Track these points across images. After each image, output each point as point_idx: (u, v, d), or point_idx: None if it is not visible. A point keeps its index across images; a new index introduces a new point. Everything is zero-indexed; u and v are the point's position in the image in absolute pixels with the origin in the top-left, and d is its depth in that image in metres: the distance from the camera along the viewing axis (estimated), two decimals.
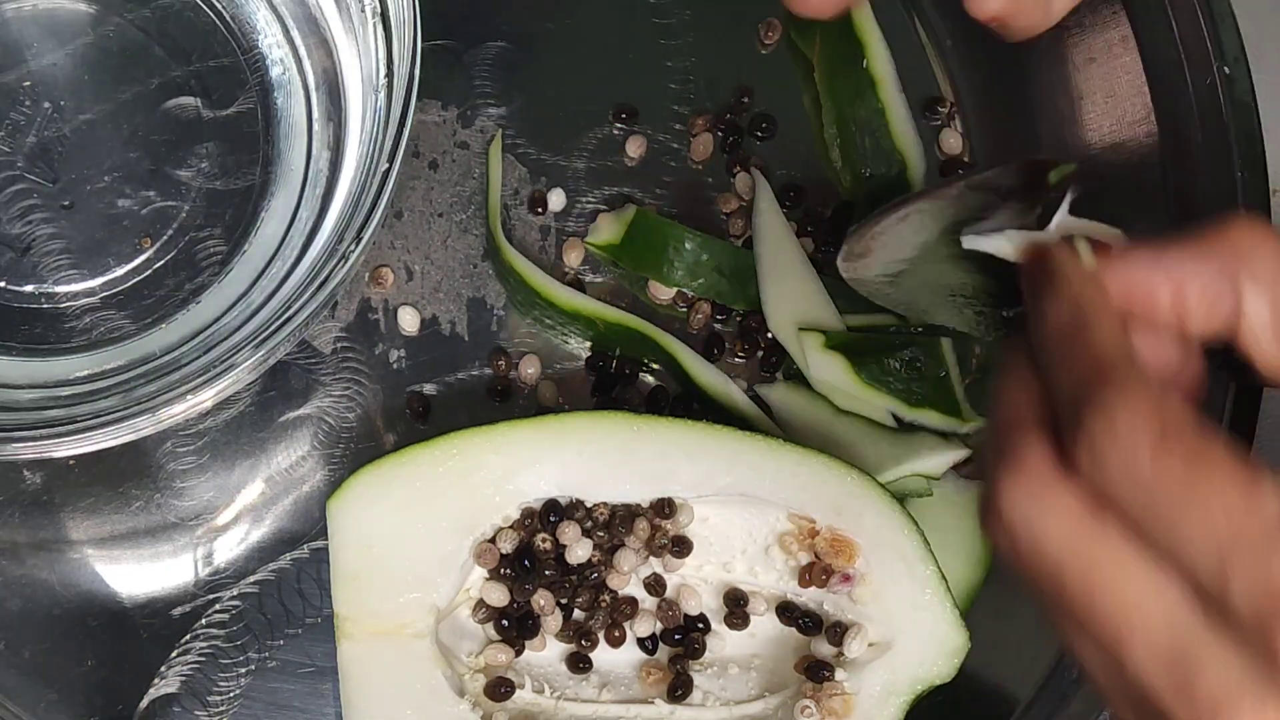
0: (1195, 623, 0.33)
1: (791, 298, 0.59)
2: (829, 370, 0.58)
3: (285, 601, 0.57)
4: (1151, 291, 0.38)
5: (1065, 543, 0.35)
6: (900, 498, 0.55)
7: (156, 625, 0.57)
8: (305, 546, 0.58)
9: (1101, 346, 0.36)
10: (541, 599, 0.54)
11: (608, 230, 0.60)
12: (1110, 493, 0.34)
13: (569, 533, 0.54)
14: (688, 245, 0.60)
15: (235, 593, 0.57)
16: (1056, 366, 0.37)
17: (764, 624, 0.55)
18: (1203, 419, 0.35)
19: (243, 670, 0.57)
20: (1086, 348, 0.36)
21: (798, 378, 0.59)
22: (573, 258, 0.61)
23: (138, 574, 0.57)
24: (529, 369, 0.60)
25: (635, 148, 0.62)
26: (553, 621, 0.54)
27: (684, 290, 0.60)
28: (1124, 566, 0.34)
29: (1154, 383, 0.35)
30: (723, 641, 0.55)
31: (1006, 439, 0.37)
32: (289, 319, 0.50)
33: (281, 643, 0.57)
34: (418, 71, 0.51)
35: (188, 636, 0.57)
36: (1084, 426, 0.34)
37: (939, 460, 0.58)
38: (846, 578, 0.54)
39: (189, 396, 0.50)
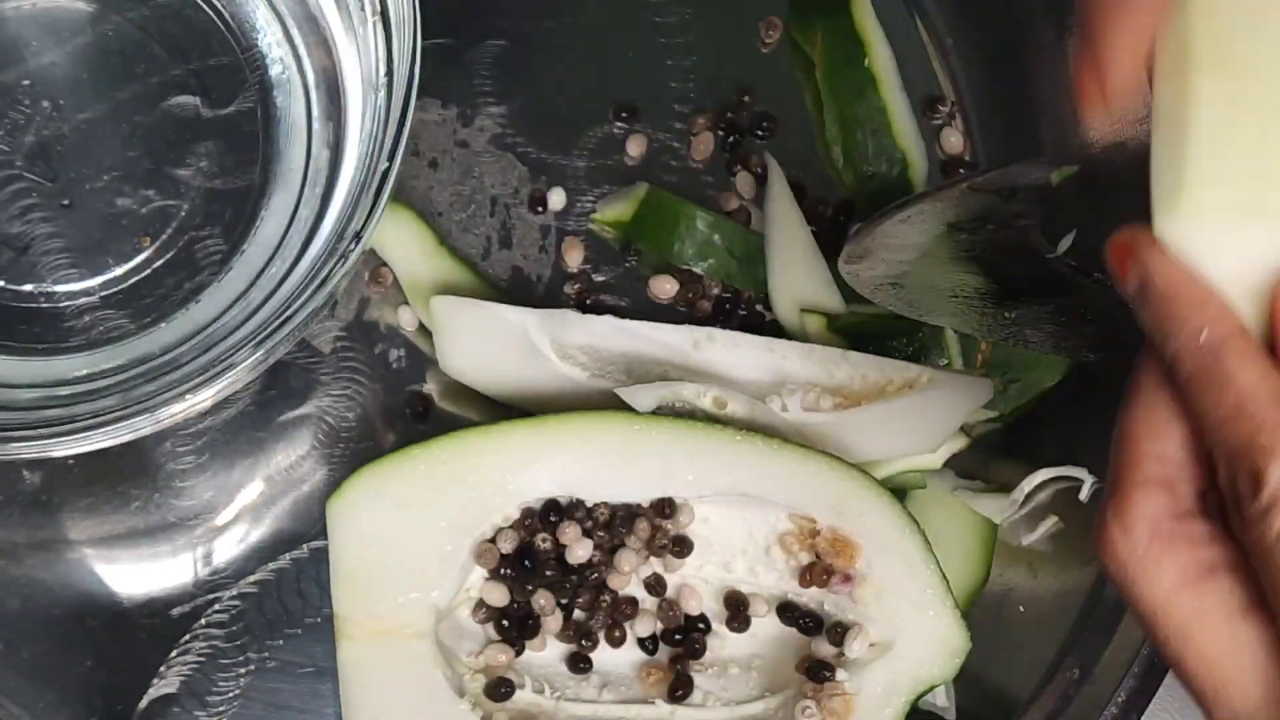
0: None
1: (798, 282, 0.59)
2: None
3: (285, 601, 0.57)
4: None
5: (1160, 605, 0.34)
6: (899, 493, 0.55)
7: (156, 625, 0.57)
8: (305, 546, 0.57)
9: (1252, 399, 0.33)
10: (541, 599, 0.54)
11: (618, 206, 0.60)
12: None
13: (569, 533, 0.53)
14: (700, 224, 0.60)
15: (235, 593, 0.57)
16: (1199, 413, 0.35)
17: (765, 624, 0.55)
18: None
19: (242, 670, 0.56)
20: (1234, 399, 0.33)
21: None
22: (573, 257, 0.60)
23: (137, 574, 0.57)
24: None
25: (635, 147, 0.61)
26: (553, 622, 0.54)
27: (691, 269, 0.60)
28: (1217, 638, 0.33)
29: None
30: (723, 641, 0.55)
31: (1119, 481, 0.35)
32: (289, 318, 0.50)
33: (281, 643, 0.57)
34: (418, 70, 0.51)
35: (187, 636, 0.56)
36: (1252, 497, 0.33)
37: (938, 452, 0.58)
38: (847, 578, 0.54)
39: (188, 396, 0.50)
